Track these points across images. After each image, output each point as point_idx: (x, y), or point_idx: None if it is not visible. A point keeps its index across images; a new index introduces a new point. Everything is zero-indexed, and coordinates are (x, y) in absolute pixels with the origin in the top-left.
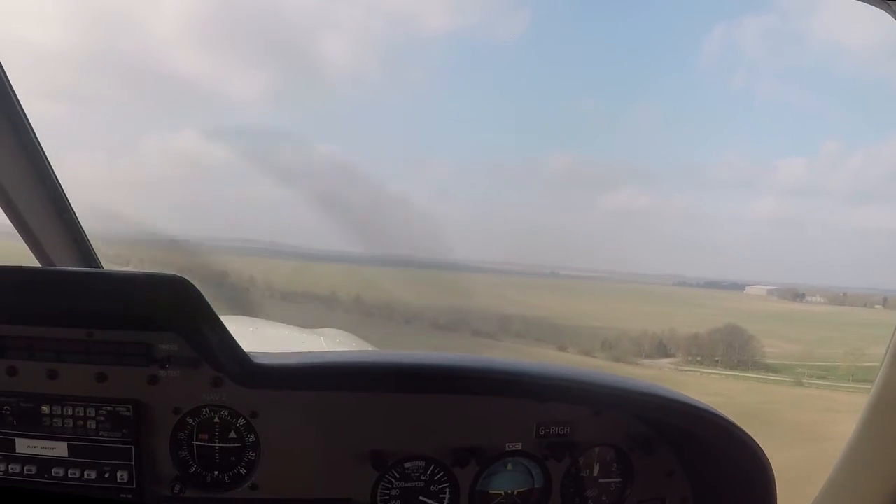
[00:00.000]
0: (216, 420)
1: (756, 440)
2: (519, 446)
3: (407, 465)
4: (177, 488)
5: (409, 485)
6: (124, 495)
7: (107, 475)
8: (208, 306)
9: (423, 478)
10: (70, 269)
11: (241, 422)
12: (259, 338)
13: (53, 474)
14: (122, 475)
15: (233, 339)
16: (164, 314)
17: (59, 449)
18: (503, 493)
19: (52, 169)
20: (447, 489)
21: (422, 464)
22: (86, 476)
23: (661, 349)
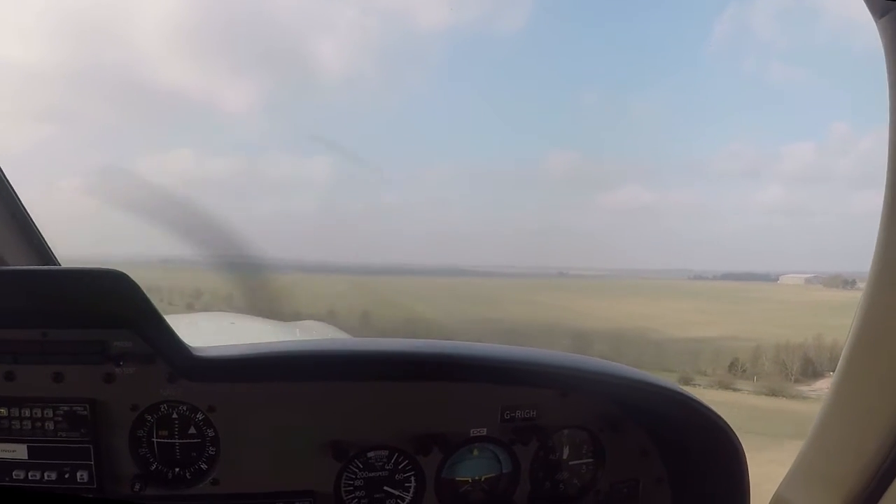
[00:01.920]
0: (174, 416)
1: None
2: (484, 431)
3: (370, 454)
4: (137, 486)
5: (372, 474)
6: (85, 496)
7: (67, 476)
8: (148, 300)
9: (386, 467)
10: (19, 267)
11: (200, 416)
12: (237, 331)
13: (14, 477)
14: (82, 475)
15: (173, 331)
16: (112, 310)
17: (19, 451)
18: (470, 480)
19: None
20: (412, 478)
21: (385, 453)
22: (46, 477)
23: (810, 369)
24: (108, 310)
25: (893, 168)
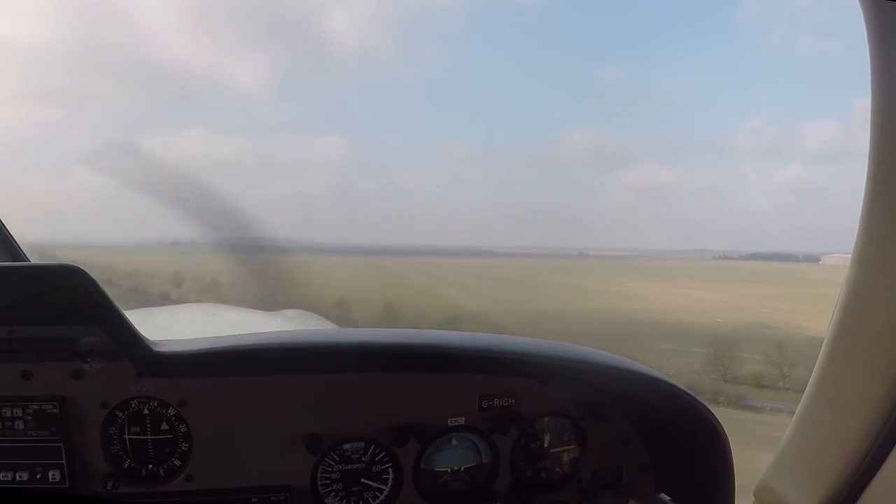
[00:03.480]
0: (146, 412)
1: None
2: (461, 421)
3: (346, 446)
4: (110, 484)
5: (349, 467)
6: (58, 495)
7: (39, 475)
8: (105, 294)
9: (363, 459)
10: None
11: (171, 412)
12: (217, 323)
13: None
14: (53, 474)
15: (132, 326)
16: (76, 305)
17: None
18: (449, 470)
19: None
20: (390, 469)
21: (361, 445)
22: (18, 478)
23: None
24: (73, 305)
25: (876, 144)
